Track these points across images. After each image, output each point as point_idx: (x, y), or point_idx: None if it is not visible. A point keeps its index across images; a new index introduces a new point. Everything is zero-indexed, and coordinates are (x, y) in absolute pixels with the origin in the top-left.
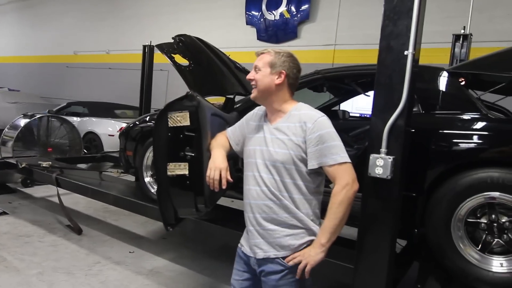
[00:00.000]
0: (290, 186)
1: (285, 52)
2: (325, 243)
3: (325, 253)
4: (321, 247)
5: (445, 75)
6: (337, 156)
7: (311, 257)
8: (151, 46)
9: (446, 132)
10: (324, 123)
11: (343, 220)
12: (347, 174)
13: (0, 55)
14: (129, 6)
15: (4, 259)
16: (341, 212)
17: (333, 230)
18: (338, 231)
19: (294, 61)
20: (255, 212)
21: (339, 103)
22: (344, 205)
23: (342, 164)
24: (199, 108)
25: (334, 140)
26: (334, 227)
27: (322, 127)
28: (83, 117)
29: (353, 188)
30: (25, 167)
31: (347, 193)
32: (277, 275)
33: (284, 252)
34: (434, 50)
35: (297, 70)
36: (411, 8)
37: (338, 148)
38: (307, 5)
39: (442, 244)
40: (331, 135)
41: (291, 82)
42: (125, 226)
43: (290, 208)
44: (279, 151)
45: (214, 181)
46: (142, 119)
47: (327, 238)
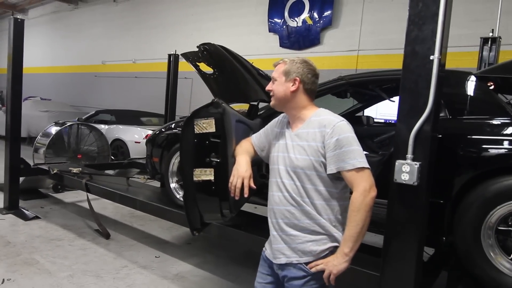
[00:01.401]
0: (311, 191)
1: (299, 59)
2: (348, 252)
3: (349, 263)
4: (345, 257)
5: (473, 79)
6: (354, 161)
7: (335, 266)
8: (176, 55)
9: (475, 137)
10: (343, 127)
11: (364, 228)
12: (364, 180)
13: (33, 66)
14: (153, 16)
15: (37, 261)
16: (361, 220)
17: (354, 238)
18: (360, 239)
19: (309, 66)
20: (277, 218)
21: (363, 109)
22: (363, 212)
23: (359, 169)
24: (224, 115)
25: (352, 145)
26: (355, 235)
27: (340, 132)
28: (111, 125)
29: (370, 195)
30: (56, 173)
31: (364, 199)
32: (300, 281)
33: (306, 258)
34: (461, 54)
35: (312, 75)
36: (436, 13)
37: (356, 153)
38: (330, 11)
39: (472, 253)
40: (349, 140)
41: (308, 88)
42: (151, 231)
43: (311, 214)
44: (299, 157)
45: (236, 189)
46: (168, 126)
47: (349, 247)
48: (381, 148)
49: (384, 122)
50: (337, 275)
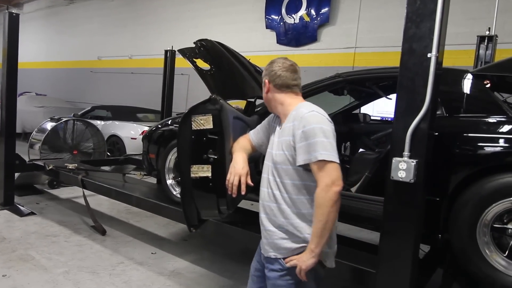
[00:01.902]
0: (289, 186)
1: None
2: (314, 248)
3: (316, 258)
4: (311, 253)
5: (470, 78)
6: (316, 154)
7: (304, 262)
8: (173, 51)
9: (471, 135)
10: (310, 119)
11: (329, 223)
12: (326, 175)
13: (28, 61)
14: (150, 12)
15: (32, 257)
16: (323, 215)
17: (319, 234)
18: (326, 235)
19: (277, 64)
20: (261, 212)
21: (360, 106)
22: (325, 208)
23: (322, 162)
24: (221, 112)
25: (316, 136)
26: (319, 231)
27: (306, 123)
28: (107, 121)
29: (332, 189)
30: (52, 169)
31: (326, 195)
32: (277, 274)
33: (284, 253)
34: (458, 52)
35: (279, 70)
36: (434, 11)
37: (319, 145)
38: (327, 8)
39: (467, 250)
40: (314, 132)
41: (278, 83)
42: (147, 228)
43: (286, 213)
44: (277, 152)
45: (233, 187)
46: (164, 123)
47: (315, 243)
48: (377, 146)
49: (381, 119)
50: (306, 270)
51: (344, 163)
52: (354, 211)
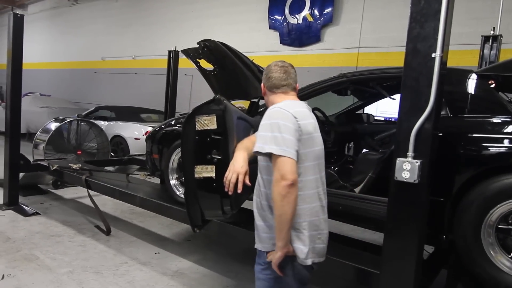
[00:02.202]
0: (266, 182)
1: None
2: (277, 242)
3: (281, 251)
4: (276, 247)
5: (474, 78)
6: (265, 146)
7: (273, 256)
8: (176, 52)
9: (476, 135)
10: (271, 114)
11: (283, 217)
12: (277, 169)
13: (32, 62)
14: (153, 12)
15: (37, 257)
16: (277, 210)
17: (277, 227)
18: (284, 229)
19: (269, 67)
20: (254, 207)
21: (364, 106)
22: (276, 201)
23: (275, 157)
24: (225, 112)
25: (271, 131)
26: (278, 225)
27: (269, 117)
28: (110, 121)
29: (280, 184)
30: (56, 169)
31: (275, 189)
32: (260, 267)
33: (266, 247)
34: (462, 52)
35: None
36: (439, 10)
37: (271, 139)
38: (331, 8)
39: (472, 251)
40: (271, 126)
41: (268, 85)
42: (151, 228)
43: (265, 207)
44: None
45: (231, 184)
46: (168, 123)
47: (277, 237)
48: (381, 146)
49: (385, 119)
50: (275, 264)
51: (348, 164)
52: (357, 211)
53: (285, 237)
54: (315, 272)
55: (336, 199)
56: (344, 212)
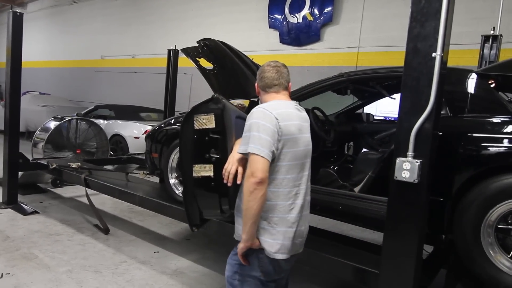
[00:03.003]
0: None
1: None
2: (242, 234)
3: (244, 244)
4: (242, 239)
5: (474, 77)
6: (247, 147)
7: (239, 246)
8: (176, 50)
9: (475, 135)
10: (255, 114)
11: (249, 211)
12: (249, 166)
13: (31, 60)
14: (153, 11)
15: (36, 256)
16: (244, 204)
17: (243, 221)
18: (248, 222)
19: (262, 67)
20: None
21: (363, 106)
22: (244, 197)
23: (250, 154)
24: (224, 111)
25: (251, 130)
26: (244, 219)
27: (251, 117)
28: (110, 120)
29: (249, 180)
30: (55, 168)
31: (245, 184)
32: (232, 252)
33: (238, 236)
34: (462, 52)
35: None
36: (439, 10)
37: (250, 139)
38: (330, 7)
39: (471, 251)
40: (251, 126)
41: (261, 85)
42: (150, 227)
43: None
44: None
45: (230, 175)
46: (167, 122)
47: (242, 230)
48: (381, 146)
49: (384, 119)
50: (239, 253)
51: (348, 163)
52: (357, 211)
53: (249, 231)
54: (315, 272)
55: (336, 198)
56: (344, 212)
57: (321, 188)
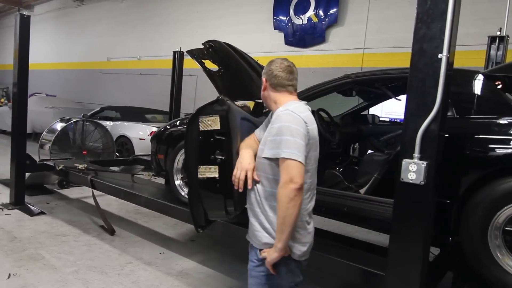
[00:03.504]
0: (263, 179)
1: (272, 61)
2: (277, 243)
3: (279, 253)
4: (275, 247)
5: (481, 78)
6: (279, 151)
7: (269, 255)
8: (181, 52)
9: (482, 137)
10: (281, 117)
11: (287, 219)
12: (286, 172)
13: (38, 62)
14: (158, 13)
15: (42, 257)
16: (281, 211)
17: (280, 229)
18: (286, 230)
19: (274, 64)
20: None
21: (369, 107)
22: (282, 204)
23: (284, 160)
24: (229, 113)
25: (284, 134)
26: (280, 226)
27: (278, 121)
28: (116, 121)
29: (289, 187)
30: (62, 169)
31: (283, 191)
32: (253, 264)
33: (259, 244)
34: (468, 53)
35: (276, 70)
36: (445, 11)
37: (283, 143)
38: (335, 9)
39: (478, 253)
40: (282, 129)
41: (273, 82)
42: (156, 228)
43: (262, 204)
44: (260, 147)
45: (240, 181)
46: (173, 124)
47: (277, 238)
48: (386, 147)
49: (390, 120)
50: (270, 264)
51: (353, 165)
52: (363, 212)
53: (285, 239)
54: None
55: (341, 200)
56: (349, 213)
57: (326, 189)
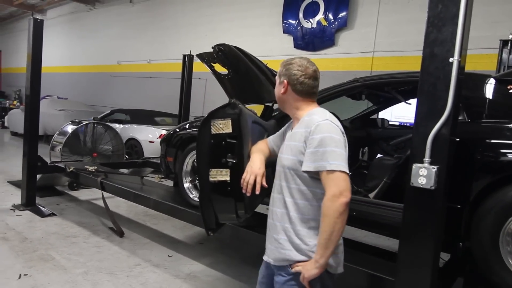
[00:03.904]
0: (294, 191)
1: (289, 60)
2: (319, 259)
3: (320, 269)
4: (316, 263)
5: (492, 82)
6: (325, 163)
7: (307, 271)
8: (191, 56)
9: (494, 141)
10: (324, 127)
11: (334, 234)
12: (334, 184)
13: (50, 65)
14: (168, 17)
15: (52, 258)
16: (329, 226)
17: (324, 244)
18: (332, 246)
19: (298, 67)
20: (269, 218)
21: (378, 111)
22: (331, 219)
23: (332, 172)
24: (241, 116)
25: (327, 145)
26: (325, 242)
27: (319, 131)
28: (125, 124)
29: (339, 200)
30: (72, 171)
31: (332, 205)
32: (283, 278)
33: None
34: (479, 56)
35: (302, 76)
36: (457, 15)
37: (329, 154)
38: (345, 12)
39: (489, 259)
40: (326, 140)
41: (298, 89)
42: (164, 230)
43: (292, 219)
44: (286, 157)
45: (249, 186)
46: (182, 127)
47: (320, 254)
48: (396, 151)
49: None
50: (308, 279)
51: (362, 169)
52: (372, 217)
53: (329, 256)
54: None
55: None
56: (358, 218)
57: None
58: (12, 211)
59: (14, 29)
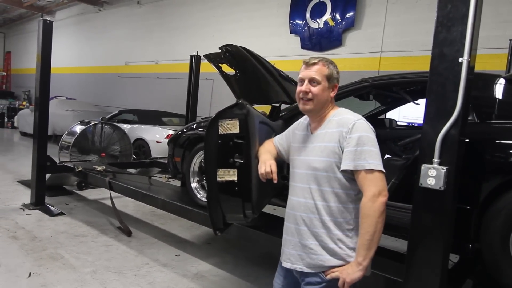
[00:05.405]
0: (327, 194)
1: (334, 63)
2: (362, 261)
3: (363, 271)
4: (358, 266)
5: (502, 82)
6: (364, 162)
7: (349, 275)
8: (198, 56)
9: (504, 142)
10: (361, 126)
11: (376, 234)
12: (373, 184)
13: (59, 66)
14: (175, 18)
15: (61, 256)
16: (370, 226)
17: (366, 246)
18: (374, 247)
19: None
20: (295, 223)
21: (386, 111)
22: (372, 219)
23: (371, 171)
24: (248, 116)
25: (365, 145)
26: (367, 243)
27: (358, 129)
28: (133, 125)
29: (379, 200)
30: (81, 171)
31: (373, 205)
32: (316, 286)
33: (322, 269)
34: (489, 56)
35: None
36: (466, 14)
37: (367, 154)
38: (352, 12)
39: (499, 261)
40: (364, 140)
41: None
42: (171, 230)
43: (326, 223)
44: (317, 159)
45: (267, 174)
46: (190, 127)
47: (362, 256)
48: (404, 152)
49: (407, 125)
50: (351, 283)
51: None
52: None
53: (372, 256)
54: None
55: None
56: None
57: None
58: (22, 210)
59: (24, 30)
